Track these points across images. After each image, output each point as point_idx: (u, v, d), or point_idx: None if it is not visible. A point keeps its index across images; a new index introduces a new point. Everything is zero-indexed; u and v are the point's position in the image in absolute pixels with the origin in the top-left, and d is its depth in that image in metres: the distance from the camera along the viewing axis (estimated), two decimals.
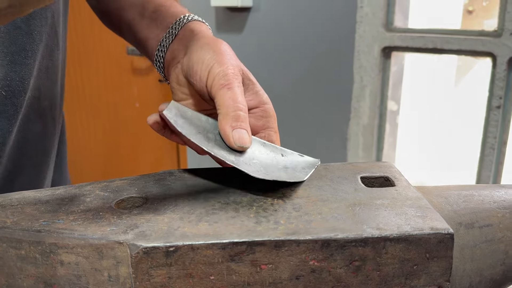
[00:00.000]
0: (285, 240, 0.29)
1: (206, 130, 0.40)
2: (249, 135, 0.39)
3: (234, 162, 0.37)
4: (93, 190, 0.38)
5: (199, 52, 0.43)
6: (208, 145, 0.38)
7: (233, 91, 0.40)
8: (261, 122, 0.44)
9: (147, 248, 0.29)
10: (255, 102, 0.44)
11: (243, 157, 0.38)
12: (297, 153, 0.43)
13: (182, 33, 0.49)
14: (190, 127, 0.39)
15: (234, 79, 0.41)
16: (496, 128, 1.20)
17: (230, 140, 0.38)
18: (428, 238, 0.30)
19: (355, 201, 0.35)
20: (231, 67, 0.41)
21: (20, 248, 0.31)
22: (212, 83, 0.41)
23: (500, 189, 0.39)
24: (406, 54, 1.45)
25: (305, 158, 0.42)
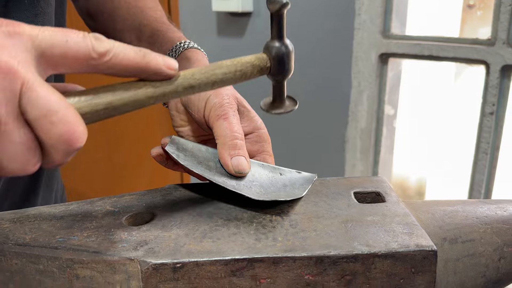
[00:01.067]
0: (282, 257, 0.32)
1: (207, 159, 0.43)
2: (247, 160, 0.42)
3: (235, 187, 0.40)
4: (104, 205, 0.40)
5: None
6: (210, 174, 0.41)
7: (229, 121, 0.42)
8: (256, 146, 0.46)
9: (156, 264, 0.31)
10: (250, 128, 0.46)
11: (244, 181, 0.41)
12: (294, 171, 0.45)
13: (179, 61, 0.50)
14: (191, 159, 0.42)
15: (229, 109, 0.43)
16: (489, 133, 1.23)
17: (230, 168, 0.41)
18: (413, 255, 0.33)
19: (347, 218, 0.38)
20: (226, 97, 0.44)
21: (38, 263, 0.34)
22: (209, 114, 0.43)
23: (483, 205, 0.42)
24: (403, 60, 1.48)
25: (302, 174, 0.45)
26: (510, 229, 0.39)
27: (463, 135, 2.09)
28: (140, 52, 0.31)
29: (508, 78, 1.19)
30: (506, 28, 1.15)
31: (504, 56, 1.16)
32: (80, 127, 0.28)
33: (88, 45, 0.28)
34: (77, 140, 0.27)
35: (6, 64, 0.25)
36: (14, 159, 0.27)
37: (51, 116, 0.26)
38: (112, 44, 0.29)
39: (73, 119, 0.27)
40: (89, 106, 0.30)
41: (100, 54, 0.29)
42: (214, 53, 1.78)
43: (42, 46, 0.27)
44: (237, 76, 0.35)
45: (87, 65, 0.29)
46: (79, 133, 0.27)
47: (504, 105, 1.20)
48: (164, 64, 0.32)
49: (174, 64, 0.32)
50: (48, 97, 0.26)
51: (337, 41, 1.48)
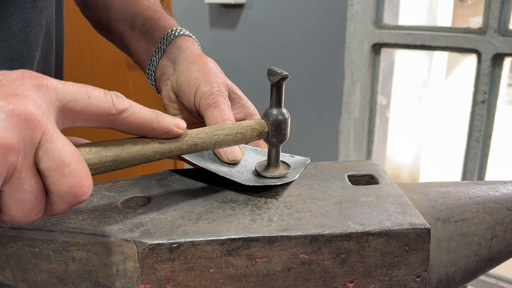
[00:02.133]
0: (277, 236, 0.33)
1: None
2: (240, 147, 0.42)
3: (227, 173, 0.40)
4: (99, 190, 0.40)
5: (186, 73, 0.46)
6: (202, 161, 0.41)
7: (219, 108, 0.42)
8: None
9: (152, 245, 0.31)
10: (242, 115, 0.46)
11: (236, 167, 0.41)
12: (288, 155, 0.46)
13: (169, 50, 0.51)
14: None
15: (220, 97, 0.43)
16: (481, 122, 1.24)
17: (223, 156, 0.42)
18: (407, 233, 0.34)
19: (342, 199, 0.38)
20: (216, 85, 0.44)
21: (34, 246, 0.34)
22: (200, 102, 0.44)
23: (475, 186, 0.43)
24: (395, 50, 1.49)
25: (295, 158, 0.45)
26: (502, 209, 0.40)
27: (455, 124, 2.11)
28: (154, 112, 0.33)
29: (499, 67, 1.20)
30: (497, 16, 1.16)
31: (496, 44, 1.16)
32: (89, 180, 0.29)
33: (109, 102, 0.30)
34: (84, 193, 0.28)
35: (31, 115, 0.26)
36: (21, 206, 0.27)
37: (64, 168, 0.27)
38: (130, 103, 0.31)
39: (83, 172, 0.28)
40: (98, 157, 0.31)
41: (119, 111, 0.30)
42: (207, 45, 1.77)
43: (66, 99, 0.29)
44: (237, 137, 0.38)
45: (106, 120, 0.31)
46: (86, 186, 0.28)
47: (496, 94, 1.22)
48: (174, 123, 0.34)
49: (183, 124, 0.35)
50: (64, 149, 0.27)
51: (330, 32, 1.48)
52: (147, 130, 0.33)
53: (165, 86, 0.50)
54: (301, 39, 1.56)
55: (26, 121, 0.26)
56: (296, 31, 1.56)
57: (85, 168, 0.28)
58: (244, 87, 0.59)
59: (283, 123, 0.39)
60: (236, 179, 0.39)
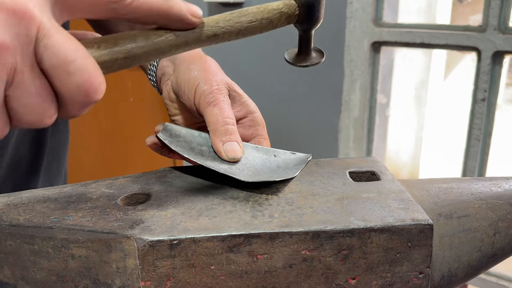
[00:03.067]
0: (279, 232, 0.32)
1: (200, 144, 0.43)
2: (240, 145, 0.41)
3: (227, 170, 0.40)
4: (98, 187, 0.40)
5: (185, 73, 0.45)
6: (202, 159, 0.41)
7: (219, 106, 0.42)
8: (250, 131, 0.46)
9: (152, 241, 0.31)
10: (243, 113, 0.46)
11: (236, 165, 0.41)
12: (289, 152, 0.45)
13: None
14: (184, 144, 0.42)
15: (219, 95, 0.42)
16: (481, 120, 1.24)
17: (223, 154, 0.41)
18: (409, 229, 0.33)
19: (343, 195, 0.38)
20: (215, 83, 0.43)
21: (33, 244, 0.33)
22: (199, 101, 0.43)
23: (478, 182, 0.42)
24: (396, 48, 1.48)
25: (297, 155, 0.45)
26: (504, 205, 0.40)
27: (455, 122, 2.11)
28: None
29: (499, 64, 1.20)
30: (497, 14, 1.16)
31: (495, 42, 1.16)
32: (99, 77, 0.26)
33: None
34: (95, 91, 0.26)
35: (21, 7, 0.23)
36: (30, 110, 0.25)
37: (68, 65, 0.25)
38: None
39: (91, 69, 0.25)
40: (108, 54, 0.28)
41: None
42: None
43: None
44: (263, 24, 0.34)
45: (107, 9, 0.27)
46: (98, 84, 0.26)
47: (496, 91, 1.21)
48: (188, 10, 0.30)
49: (198, 12, 0.31)
50: (66, 44, 0.25)
51: (329, 30, 1.48)
52: (157, 18, 0.29)
53: (165, 86, 0.49)
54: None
55: (16, 15, 0.23)
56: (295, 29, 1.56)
57: (93, 64, 0.26)
58: (243, 85, 0.59)
59: (317, 3, 0.34)
60: (236, 176, 0.39)
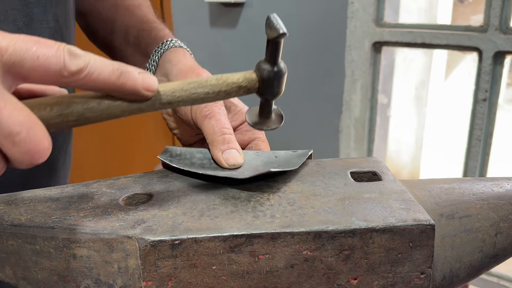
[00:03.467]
0: (280, 232, 0.32)
1: (201, 159, 0.44)
2: (240, 152, 0.42)
3: (227, 174, 0.40)
4: (100, 187, 0.40)
5: None
6: (203, 170, 0.41)
7: (215, 118, 0.42)
8: (247, 135, 0.46)
9: (154, 241, 0.31)
10: (239, 121, 0.46)
11: (236, 171, 0.41)
12: (290, 151, 0.45)
13: (162, 64, 0.50)
14: (184, 161, 0.43)
15: (214, 107, 0.43)
16: (482, 120, 1.24)
17: (223, 163, 0.41)
18: (411, 229, 0.33)
19: (344, 195, 0.38)
20: None
21: (35, 243, 0.33)
22: (196, 115, 0.43)
23: (479, 182, 0.42)
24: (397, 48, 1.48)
25: (297, 152, 0.45)
26: (506, 205, 0.40)
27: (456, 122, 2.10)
28: (116, 70, 0.29)
29: (500, 65, 1.19)
30: (498, 14, 1.15)
31: (497, 42, 1.16)
32: (44, 144, 0.27)
33: (60, 62, 0.27)
34: (39, 157, 0.27)
35: None
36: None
37: (14, 137, 0.26)
38: (87, 61, 0.28)
39: (37, 137, 0.26)
40: (59, 117, 0.29)
41: (71, 73, 0.28)
42: (206, 44, 1.77)
43: (12, 60, 0.26)
44: (220, 96, 0.34)
45: (59, 81, 0.28)
46: (42, 151, 0.27)
47: (497, 92, 1.21)
48: (142, 85, 0.31)
49: (153, 85, 0.31)
50: (12, 118, 0.25)
51: (330, 30, 1.48)
52: (110, 91, 0.30)
53: None
54: (301, 38, 1.56)
55: None
56: (296, 30, 1.55)
57: (38, 133, 0.27)
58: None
59: (277, 79, 0.35)
60: (236, 176, 0.39)
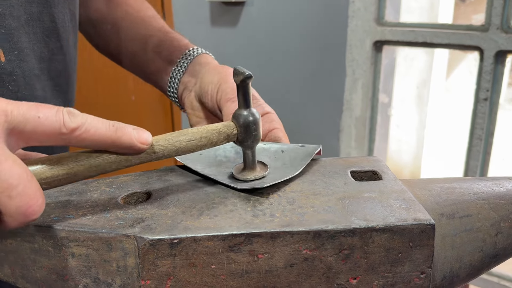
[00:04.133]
0: (280, 231, 0.32)
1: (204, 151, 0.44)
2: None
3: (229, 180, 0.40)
4: (99, 186, 0.40)
5: (208, 77, 0.50)
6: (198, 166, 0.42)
7: (236, 103, 0.43)
8: (266, 126, 0.47)
9: (153, 240, 0.31)
10: (260, 113, 0.47)
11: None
12: (298, 145, 0.45)
13: (192, 68, 0.55)
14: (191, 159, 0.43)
15: None
16: (483, 119, 1.24)
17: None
18: (411, 229, 0.33)
19: (344, 194, 0.38)
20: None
21: (33, 242, 0.33)
22: (221, 97, 0.47)
23: (480, 182, 0.42)
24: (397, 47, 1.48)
25: (305, 148, 0.45)
26: (506, 205, 0.39)
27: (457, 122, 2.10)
28: (112, 127, 0.31)
29: (502, 64, 1.19)
30: (500, 13, 1.15)
31: (498, 41, 1.16)
32: (39, 200, 0.28)
33: (60, 121, 0.29)
34: (34, 213, 0.28)
35: None
36: None
37: (11, 191, 0.27)
38: (84, 120, 0.30)
39: (32, 193, 0.28)
40: (50, 172, 0.31)
41: (70, 130, 0.30)
42: (207, 42, 1.76)
43: (15, 121, 0.28)
44: (202, 142, 0.37)
45: (59, 139, 0.30)
46: (36, 206, 0.28)
47: (498, 91, 1.21)
48: (138, 139, 0.33)
49: (147, 138, 0.33)
50: (11, 172, 0.27)
51: (331, 29, 1.48)
52: (107, 146, 0.32)
53: (188, 97, 0.53)
54: (302, 37, 1.55)
55: None
56: (297, 28, 1.55)
57: (34, 188, 0.28)
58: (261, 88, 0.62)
59: (253, 124, 0.39)
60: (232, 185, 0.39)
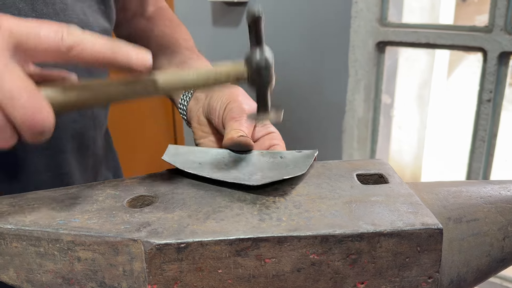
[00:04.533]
0: (287, 236, 0.32)
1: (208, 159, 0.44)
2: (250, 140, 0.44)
3: (236, 178, 0.40)
4: (104, 189, 0.40)
5: (218, 94, 0.50)
6: (209, 173, 0.41)
7: (239, 122, 0.45)
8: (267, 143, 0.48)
9: (160, 245, 0.31)
10: (262, 133, 0.49)
11: (244, 172, 0.41)
12: (295, 151, 0.45)
13: None
14: (190, 163, 0.43)
15: (244, 113, 0.46)
16: (486, 121, 1.23)
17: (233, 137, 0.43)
18: (419, 233, 0.33)
19: (351, 198, 0.37)
20: (244, 104, 0.47)
21: (39, 246, 0.33)
22: (226, 116, 0.47)
23: (487, 185, 0.42)
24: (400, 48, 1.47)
25: (303, 152, 0.45)
26: None
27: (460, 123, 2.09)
28: (108, 44, 0.32)
29: (505, 65, 1.19)
30: (503, 14, 1.15)
31: (502, 43, 1.15)
32: (43, 113, 0.29)
33: (58, 38, 0.30)
34: (39, 125, 0.29)
35: None
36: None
37: (13, 101, 0.28)
38: (82, 37, 0.31)
39: (35, 105, 0.29)
40: (61, 95, 0.32)
41: (68, 48, 0.30)
42: (209, 43, 1.76)
43: (18, 37, 0.30)
44: (210, 80, 0.37)
45: (59, 57, 0.31)
46: (41, 118, 0.29)
47: (502, 92, 1.21)
48: (136, 57, 0.33)
49: (146, 59, 0.33)
50: (13, 82, 0.28)
51: (334, 30, 1.47)
52: (105, 64, 0.32)
53: (196, 112, 0.53)
54: (304, 37, 1.55)
55: None
56: (299, 29, 1.55)
57: (38, 101, 0.29)
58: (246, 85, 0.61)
59: (264, 69, 0.37)
60: (246, 182, 0.39)
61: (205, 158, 0.44)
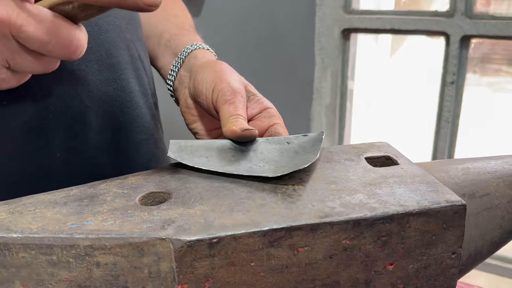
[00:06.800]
0: (320, 223, 0.31)
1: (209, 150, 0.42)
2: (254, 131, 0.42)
3: (249, 170, 0.38)
4: (108, 188, 0.37)
5: (202, 74, 0.47)
6: (214, 165, 0.39)
7: (234, 105, 0.43)
8: (266, 122, 0.46)
9: (191, 241, 0.29)
10: (258, 109, 0.47)
11: (255, 163, 0.40)
12: (300, 135, 0.44)
13: (187, 61, 0.52)
14: (198, 157, 0.41)
15: (237, 93, 0.44)
16: (450, 102, 1.29)
17: (236, 132, 0.40)
18: (445, 210, 0.33)
19: (369, 181, 0.37)
20: (233, 82, 0.45)
21: (51, 254, 0.30)
22: (217, 99, 0.44)
23: (490, 161, 0.43)
24: (359, 35, 1.50)
25: (309, 136, 0.44)
26: None
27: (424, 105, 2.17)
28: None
29: (466, 48, 1.24)
30: None
31: (463, 27, 1.20)
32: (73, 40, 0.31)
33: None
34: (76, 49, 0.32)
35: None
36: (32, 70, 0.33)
37: (46, 46, 0.31)
38: None
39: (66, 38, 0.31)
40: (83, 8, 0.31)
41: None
42: None
43: None
44: None
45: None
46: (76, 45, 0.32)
47: (464, 75, 1.26)
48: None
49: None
50: (38, 32, 0.30)
51: (299, 18, 1.48)
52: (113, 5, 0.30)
53: (183, 94, 0.51)
54: (269, 26, 1.54)
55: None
56: (264, 18, 1.54)
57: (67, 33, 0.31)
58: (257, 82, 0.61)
59: None
60: (262, 174, 0.37)
61: (210, 152, 0.42)
